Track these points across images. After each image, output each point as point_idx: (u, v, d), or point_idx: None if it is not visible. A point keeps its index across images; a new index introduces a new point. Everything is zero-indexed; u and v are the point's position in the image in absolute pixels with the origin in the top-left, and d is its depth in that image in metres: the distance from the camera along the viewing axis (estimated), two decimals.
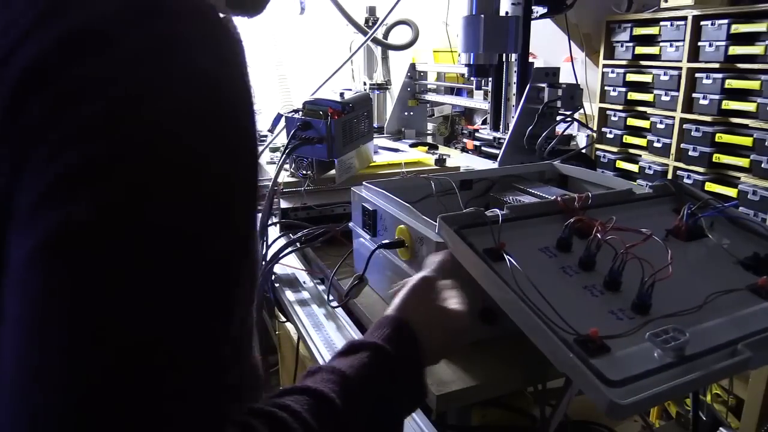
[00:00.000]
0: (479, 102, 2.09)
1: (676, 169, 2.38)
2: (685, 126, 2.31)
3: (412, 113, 2.25)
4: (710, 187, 2.20)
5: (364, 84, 2.23)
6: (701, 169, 2.26)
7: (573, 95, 1.54)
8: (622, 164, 2.65)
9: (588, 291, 0.68)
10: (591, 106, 2.67)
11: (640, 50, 2.53)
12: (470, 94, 2.51)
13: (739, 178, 2.13)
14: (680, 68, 2.32)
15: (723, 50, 2.15)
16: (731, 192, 2.12)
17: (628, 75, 2.59)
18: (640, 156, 2.57)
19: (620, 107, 2.66)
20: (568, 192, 1.05)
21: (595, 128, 2.72)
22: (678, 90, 2.33)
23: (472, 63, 1.61)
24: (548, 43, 2.26)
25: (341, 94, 1.35)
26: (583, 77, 2.37)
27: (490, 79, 1.75)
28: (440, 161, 1.59)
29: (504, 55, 1.69)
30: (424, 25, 2.20)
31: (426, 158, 1.64)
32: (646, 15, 2.48)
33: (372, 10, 2.09)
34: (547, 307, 0.62)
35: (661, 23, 2.40)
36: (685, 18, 2.28)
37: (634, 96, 2.57)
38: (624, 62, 2.61)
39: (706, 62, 2.22)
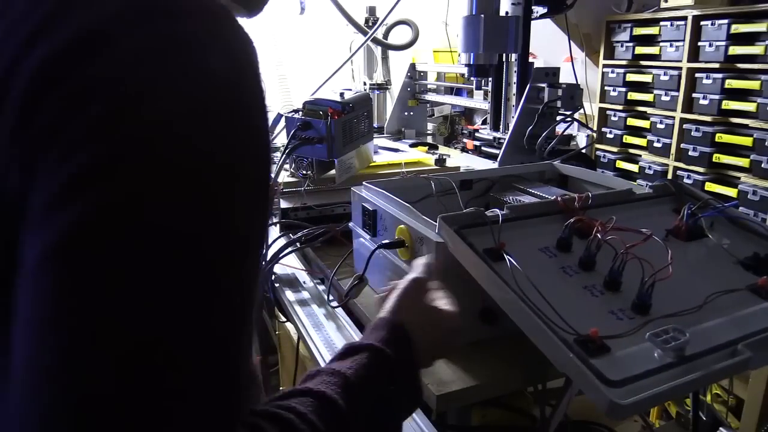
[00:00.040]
0: (479, 102, 2.09)
1: (676, 169, 2.37)
2: (685, 126, 2.31)
3: (412, 113, 2.25)
4: (710, 187, 2.20)
5: (364, 84, 2.23)
6: (701, 169, 2.26)
7: (573, 95, 1.54)
8: (622, 164, 2.65)
9: (588, 291, 0.68)
10: (591, 106, 2.67)
11: (640, 50, 2.53)
12: (470, 94, 2.51)
13: (739, 178, 2.13)
14: (680, 68, 2.32)
15: (723, 50, 2.15)
16: (731, 192, 2.12)
17: (628, 75, 2.59)
18: (640, 156, 2.57)
19: (620, 107, 2.66)
20: (568, 192, 1.05)
21: (595, 128, 2.72)
22: (678, 90, 2.33)
23: (472, 63, 1.61)
24: (548, 43, 2.26)
25: (341, 94, 1.34)
26: (583, 77, 2.37)
27: (490, 79, 1.75)
28: (440, 161, 1.59)
29: (504, 55, 1.69)
30: (424, 25, 2.20)
31: (426, 158, 1.63)
32: (646, 15, 2.48)
33: (372, 10, 2.09)
34: (547, 307, 0.62)
35: (661, 23, 2.40)
36: (685, 18, 2.28)
37: (634, 96, 2.57)
38: (624, 62, 2.61)
39: (706, 62, 2.22)
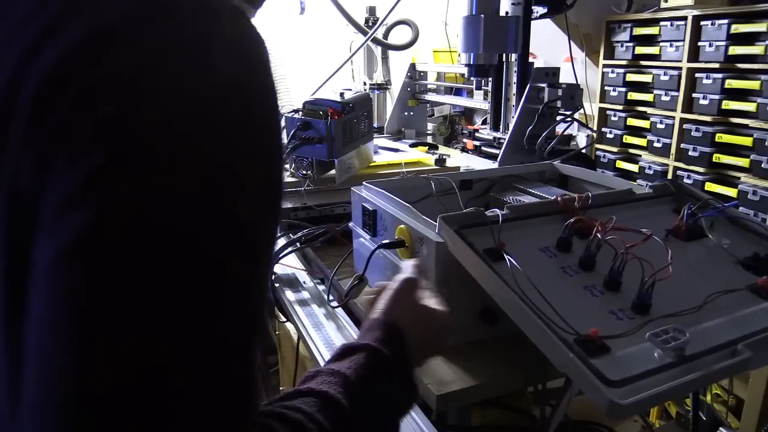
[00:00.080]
0: (479, 102, 2.09)
1: (676, 169, 2.37)
2: (685, 126, 2.31)
3: (412, 113, 2.25)
4: (710, 187, 2.20)
5: (364, 84, 2.23)
6: (701, 169, 2.26)
7: (573, 95, 1.54)
8: (622, 164, 2.65)
9: (588, 291, 0.68)
10: (591, 106, 2.67)
11: (640, 50, 2.53)
12: (470, 94, 2.51)
13: (739, 178, 2.13)
14: (680, 68, 2.32)
15: (723, 50, 2.15)
16: (731, 192, 2.12)
17: (628, 75, 2.59)
18: (640, 156, 2.57)
19: (620, 107, 2.66)
20: (568, 192, 1.05)
21: (595, 128, 2.72)
22: (678, 90, 2.33)
23: (472, 63, 1.61)
24: (548, 43, 2.26)
25: (341, 94, 1.34)
26: (583, 77, 2.37)
27: (490, 79, 1.75)
28: (440, 161, 1.59)
29: (504, 55, 1.68)
30: (424, 25, 2.20)
31: (426, 158, 1.63)
32: (646, 15, 2.48)
33: (372, 10, 2.09)
34: (547, 307, 0.62)
35: (661, 23, 2.40)
36: (685, 18, 2.28)
37: (634, 96, 2.57)
38: (624, 62, 2.61)
39: (706, 62, 2.22)
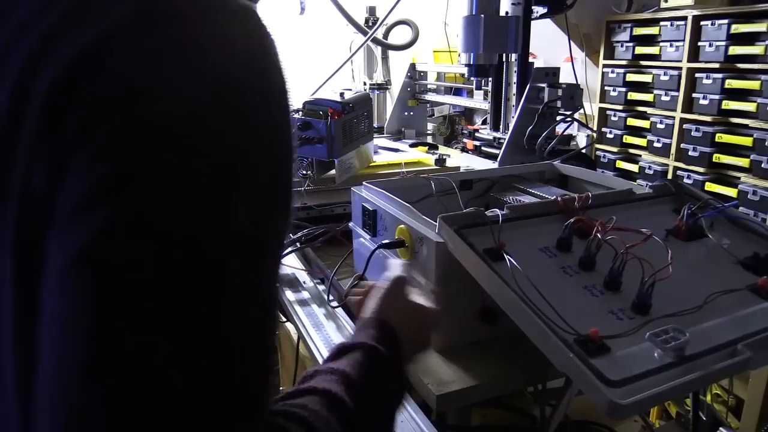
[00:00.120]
0: (479, 102, 2.09)
1: (676, 169, 2.37)
2: (685, 126, 2.31)
3: (412, 113, 2.25)
4: (710, 187, 2.20)
5: (364, 84, 2.23)
6: (701, 169, 2.25)
7: (573, 95, 1.54)
8: (622, 164, 2.65)
9: (588, 291, 0.68)
10: (591, 106, 2.67)
11: (640, 50, 2.52)
12: (470, 94, 2.51)
13: (739, 178, 2.13)
14: (680, 68, 2.32)
15: (723, 50, 2.14)
16: (731, 192, 2.12)
17: (628, 75, 2.59)
18: (640, 156, 2.56)
19: (620, 107, 2.66)
20: (568, 192, 1.05)
21: (595, 128, 2.72)
22: (678, 90, 2.33)
23: (472, 63, 1.61)
24: (548, 43, 2.26)
25: (341, 94, 1.34)
26: (583, 77, 2.37)
27: (490, 79, 1.75)
28: (440, 161, 1.59)
29: (504, 55, 1.69)
30: (424, 25, 2.20)
31: (426, 158, 1.64)
32: (646, 15, 2.48)
33: (372, 10, 2.09)
34: (547, 307, 0.62)
35: (661, 23, 2.40)
36: (685, 18, 2.28)
37: (634, 96, 2.57)
38: (624, 62, 2.61)
39: (706, 62, 2.22)
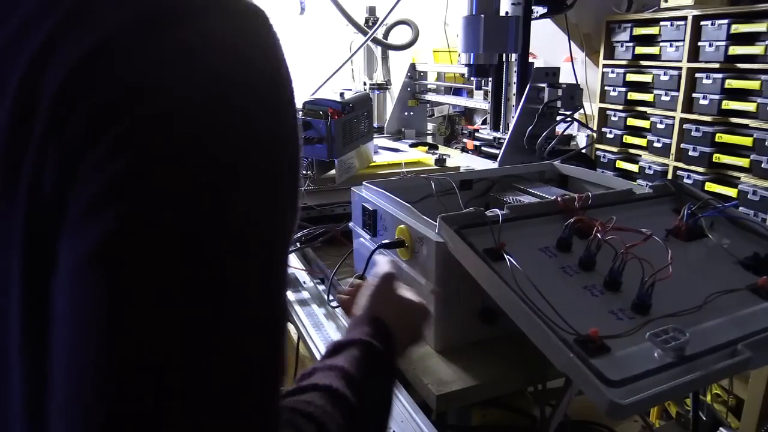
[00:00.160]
0: (479, 102, 2.09)
1: (676, 169, 2.37)
2: (685, 126, 2.31)
3: (412, 113, 2.25)
4: (710, 187, 2.20)
5: (364, 84, 2.23)
6: (701, 169, 2.25)
7: (573, 95, 1.54)
8: (622, 164, 2.65)
9: (588, 291, 0.68)
10: (591, 106, 2.67)
11: (640, 50, 2.52)
12: (470, 94, 2.51)
13: (739, 178, 2.13)
14: (680, 68, 2.32)
15: (723, 50, 2.14)
16: (731, 192, 2.12)
17: (628, 75, 2.59)
18: (640, 156, 2.56)
19: (620, 107, 2.66)
20: (568, 192, 1.05)
21: (595, 128, 2.72)
22: (678, 90, 2.33)
23: (472, 63, 1.61)
24: (548, 43, 2.26)
25: (341, 94, 1.34)
26: (583, 77, 2.37)
27: (490, 79, 1.75)
28: (440, 161, 1.59)
29: (504, 55, 1.69)
30: (424, 25, 2.20)
31: (426, 158, 1.64)
32: (646, 15, 2.48)
33: (372, 10, 2.09)
34: (547, 307, 0.62)
35: (661, 23, 2.40)
36: (685, 18, 2.28)
37: (634, 96, 2.57)
38: (624, 62, 2.61)
39: (706, 62, 2.22)
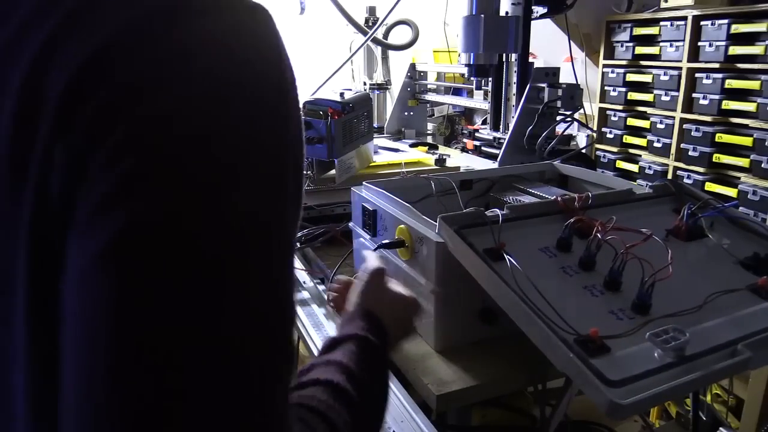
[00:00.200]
0: (479, 102, 2.09)
1: (676, 169, 2.37)
2: (685, 126, 2.31)
3: (412, 113, 2.25)
4: (710, 187, 2.20)
5: (364, 84, 2.23)
6: (701, 169, 2.25)
7: (573, 95, 1.54)
8: (622, 164, 2.65)
9: (588, 291, 0.68)
10: (591, 106, 2.67)
11: (640, 50, 2.52)
12: (470, 94, 2.51)
13: (739, 178, 2.13)
14: (680, 68, 2.32)
15: (723, 50, 2.14)
16: (731, 192, 2.12)
17: (628, 75, 2.59)
18: (640, 156, 2.56)
19: (620, 107, 2.66)
20: (568, 192, 1.05)
21: (595, 128, 2.72)
22: (678, 90, 2.33)
23: (472, 63, 1.61)
24: (548, 43, 2.26)
25: (341, 94, 1.34)
26: (583, 77, 2.37)
27: (490, 79, 1.75)
28: (440, 161, 1.59)
29: (504, 55, 1.69)
30: (424, 25, 2.20)
31: (426, 158, 1.64)
32: (646, 15, 2.48)
33: (372, 10, 2.09)
34: (547, 307, 0.62)
35: (661, 23, 2.40)
36: (685, 18, 2.28)
37: (634, 96, 2.57)
38: (624, 62, 2.61)
39: (706, 62, 2.22)
